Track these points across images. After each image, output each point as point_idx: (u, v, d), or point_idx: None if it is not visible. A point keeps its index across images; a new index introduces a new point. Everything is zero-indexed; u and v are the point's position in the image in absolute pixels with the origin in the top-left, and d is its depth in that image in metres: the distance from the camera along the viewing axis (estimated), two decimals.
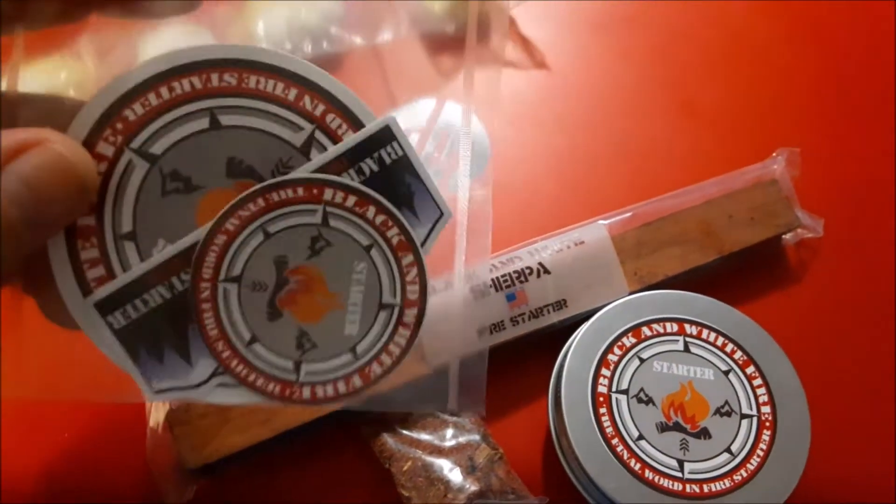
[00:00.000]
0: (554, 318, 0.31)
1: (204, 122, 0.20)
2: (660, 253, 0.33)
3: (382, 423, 0.30)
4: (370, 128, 0.20)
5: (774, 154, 0.36)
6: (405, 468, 0.28)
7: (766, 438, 0.27)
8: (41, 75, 0.32)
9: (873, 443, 0.31)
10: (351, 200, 0.20)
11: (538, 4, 0.44)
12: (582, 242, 0.32)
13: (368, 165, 0.20)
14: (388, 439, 0.29)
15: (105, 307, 0.19)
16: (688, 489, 0.26)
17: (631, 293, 0.31)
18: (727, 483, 0.26)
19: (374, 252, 0.21)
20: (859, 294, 0.35)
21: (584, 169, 0.39)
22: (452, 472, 0.28)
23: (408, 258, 0.21)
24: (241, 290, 0.20)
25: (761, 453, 0.27)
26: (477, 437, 0.29)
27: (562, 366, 0.29)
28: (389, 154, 0.20)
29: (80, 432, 0.31)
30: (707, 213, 0.34)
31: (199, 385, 0.20)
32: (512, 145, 0.39)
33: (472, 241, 0.22)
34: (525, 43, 0.43)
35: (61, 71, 0.34)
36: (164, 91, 0.19)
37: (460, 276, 0.22)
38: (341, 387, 0.21)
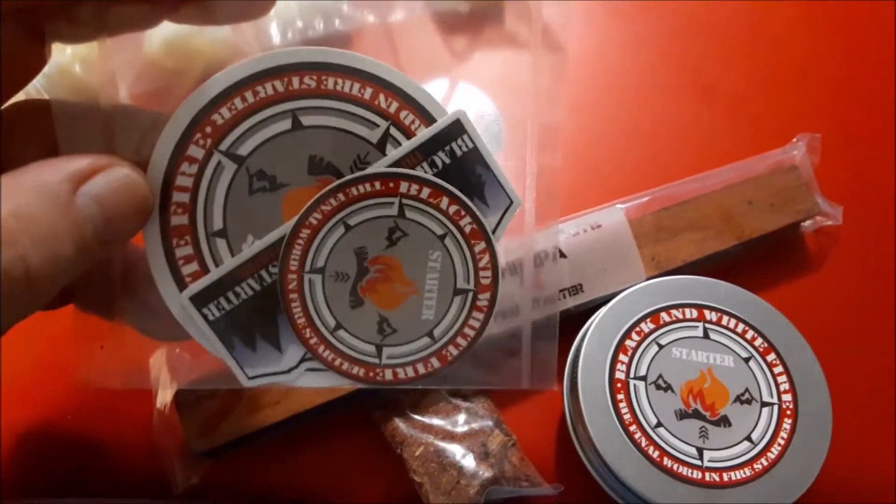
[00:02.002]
0: (570, 302, 0.30)
1: (286, 123, 0.21)
2: (678, 238, 0.32)
3: (394, 407, 0.29)
4: (441, 122, 0.21)
5: (795, 139, 0.35)
6: (417, 453, 0.28)
7: (787, 427, 0.26)
8: None
9: (895, 431, 0.31)
10: (425, 192, 0.21)
11: None
12: (599, 226, 0.31)
13: (441, 158, 0.21)
14: (400, 424, 0.29)
15: (200, 300, 0.21)
16: (707, 477, 0.25)
17: (648, 278, 0.31)
18: (747, 472, 0.25)
19: (447, 241, 0.22)
20: (878, 282, 0.34)
21: (601, 152, 0.38)
22: (465, 458, 0.27)
23: (480, 245, 0.22)
24: (325, 280, 0.21)
25: (782, 442, 0.26)
26: (490, 423, 0.29)
27: (578, 351, 0.28)
28: (460, 146, 0.21)
29: (86, 414, 0.31)
30: (726, 199, 0.33)
31: (289, 370, 0.22)
32: None
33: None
34: (540, 24, 0.42)
35: (66, 46, 0.33)
36: (248, 95, 0.20)
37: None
38: (420, 368, 0.22)
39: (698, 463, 0.26)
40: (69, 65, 0.34)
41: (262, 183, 0.21)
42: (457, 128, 0.21)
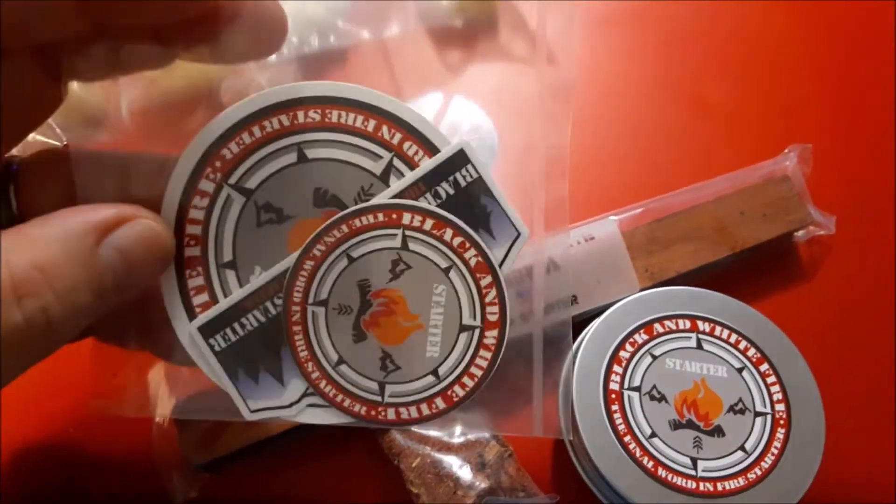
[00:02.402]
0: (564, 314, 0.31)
1: (292, 157, 0.21)
2: (671, 249, 0.32)
3: None
4: (445, 152, 0.21)
5: (786, 150, 0.35)
6: (414, 465, 0.28)
7: (781, 436, 0.26)
8: None
9: (889, 440, 0.31)
10: (429, 223, 0.21)
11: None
12: (592, 238, 0.32)
13: (444, 189, 0.21)
14: (397, 435, 0.29)
15: (207, 330, 0.21)
16: (701, 487, 0.26)
17: (642, 289, 0.31)
18: (741, 481, 0.26)
19: (452, 274, 0.21)
20: (871, 292, 0.35)
21: (594, 164, 0.38)
22: (462, 469, 0.28)
23: (486, 279, 0.21)
24: (328, 312, 0.21)
25: (776, 451, 0.26)
26: (486, 434, 0.29)
27: (573, 362, 0.28)
28: (464, 177, 0.21)
29: (87, 427, 0.31)
30: (719, 210, 0.33)
31: (290, 405, 0.21)
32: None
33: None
34: (534, 37, 0.42)
35: None
36: (255, 130, 0.21)
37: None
38: (424, 409, 0.22)
39: (692, 473, 0.26)
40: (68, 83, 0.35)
41: (270, 215, 0.21)
42: (460, 158, 0.21)
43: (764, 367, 0.28)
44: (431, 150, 0.21)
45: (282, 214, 0.21)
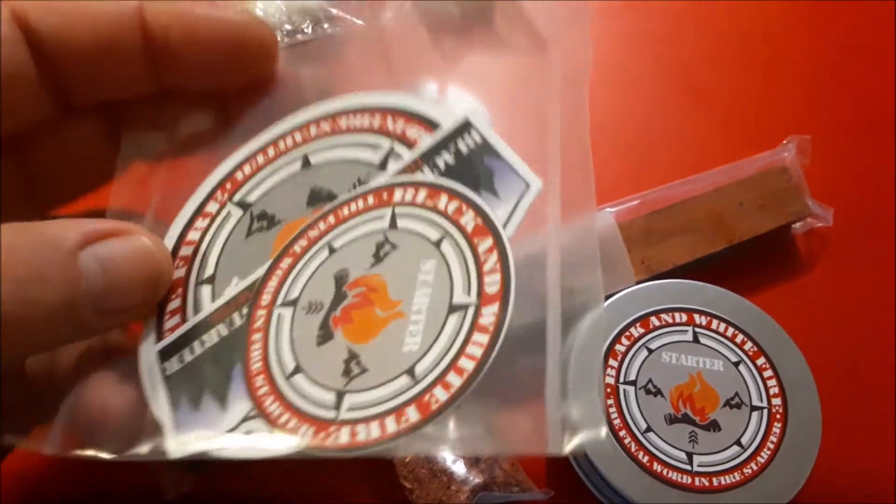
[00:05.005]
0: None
1: (297, 166, 0.20)
2: (668, 241, 0.32)
3: None
4: (447, 126, 0.20)
5: (785, 141, 0.35)
6: (407, 459, 0.28)
7: (777, 431, 0.26)
8: None
9: (885, 435, 0.31)
10: (422, 195, 0.19)
11: None
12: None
13: (444, 160, 0.19)
14: None
15: (165, 353, 0.19)
16: (697, 482, 0.25)
17: (638, 282, 0.31)
18: (737, 476, 0.25)
19: (444, 245, 0.18)
20: (869, 284, 0.34)
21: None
22: (455, 464, 0.27)
23: (486, 242, 0.18)
24: (295, 313, 0.19)
25: (772, 446, 0.26)
26: (480, 430, 0.29)
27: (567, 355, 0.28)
28: (468, 144, 0.19)
29: None
30: (717, 201, 0.33)
31: (228, 431, 0.18)
32: None
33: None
34: (530, 27, 0.42)
35: None
36: (270, 151, 0.20)
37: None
38: (390, 424, 0.16)
39: (688, 467, 0.26)
40: None
41: (261, 223, 0.20)
42: (464, 127, 0.20)
43: (761, 360, 0.28)
44: (435, 127, 0.20)
45: (273, 221, 0.20)
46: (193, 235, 0.20)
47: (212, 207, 0.20)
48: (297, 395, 0.18)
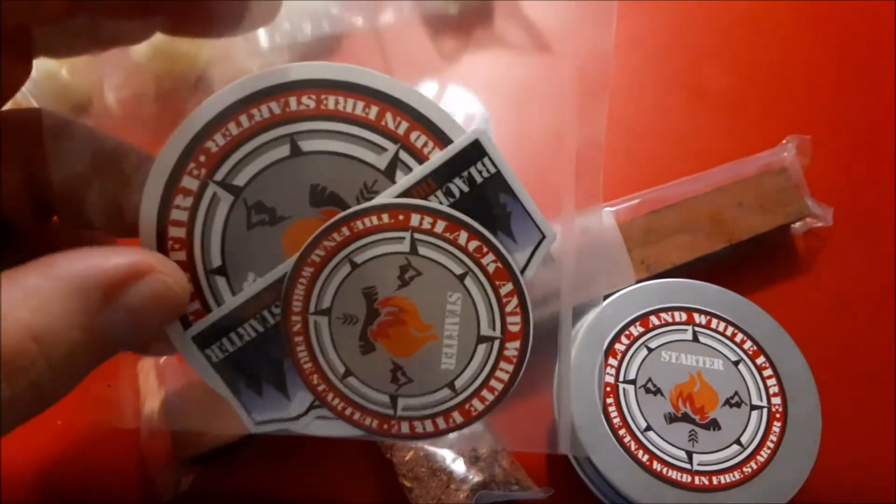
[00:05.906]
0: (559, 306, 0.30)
1: (285, 150, 0.19)
2: (668, 241, 0.32)
3: None
4: (457, 144, 0.19)
5: (784, 141, 0.35)
6: (406, 458, 0.28)
7: (777, 430, 0.26)
8: None
9: (884, 434, 0.31)
10: (440, 226, 0.19)
11: None
12: (588, 229, 0.31)
13: (458, 186, 0.19)
14: None
15: (202, 341, 0.19)
16: (697, 481, 0.25)
17: (638, 281, 0.31)
18: (737, 475, 0.25)
19: (468, 281, 0.20)
20: (868, 284, 0.34)
21: None
22: (455, 463, 0.27)
23: (506, 287, 0.19)
24: (331, 322, 0.20)
25: (771, 445, 0.26)
26: (480, 427, 0.29)
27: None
28: (480, 172, 0.19)
29: (75, 420, 0.31)
30: (716, 201, 0.33)
31: (298, 417, 0.20)
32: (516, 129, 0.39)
33: None
34: (529, 26, 0.42)
35: None
36: (243, 119, 0.19)
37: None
38: (441, 423, 0.20)
39: (688, 466, 0.26)
40: (56, 70, 0.34)
41: (262, 216, 0.19)
42: (476, 150, 0.19)
43: (760, 360, 0.27)
44: (442, 140, 0.19)
45: (275, 215, 0.19)
46: (179, 215, 0.19)
47: (189, 183, 0.19)
48: (354, 393, 0.20)
